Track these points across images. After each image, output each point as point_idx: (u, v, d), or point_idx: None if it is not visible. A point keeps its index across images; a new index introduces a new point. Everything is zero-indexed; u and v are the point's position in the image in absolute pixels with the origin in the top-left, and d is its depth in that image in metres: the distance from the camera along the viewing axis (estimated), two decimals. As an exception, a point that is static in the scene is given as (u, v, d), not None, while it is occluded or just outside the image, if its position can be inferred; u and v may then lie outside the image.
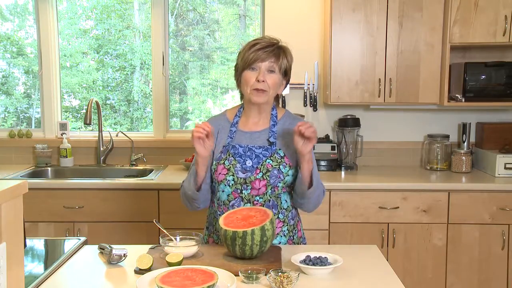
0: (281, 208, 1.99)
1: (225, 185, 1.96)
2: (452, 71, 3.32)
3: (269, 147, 1.97)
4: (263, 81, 1.91)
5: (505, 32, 3.17)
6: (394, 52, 3.25)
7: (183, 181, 2.08)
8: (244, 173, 1.94)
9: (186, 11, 4.05)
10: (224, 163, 1.96)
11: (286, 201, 2.01)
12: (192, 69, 4.03)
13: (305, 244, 2.12)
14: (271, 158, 1.95)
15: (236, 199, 1.96)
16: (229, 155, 1.97)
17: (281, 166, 1.94)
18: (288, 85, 3.48)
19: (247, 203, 1.94)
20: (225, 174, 1.95)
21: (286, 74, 1.99)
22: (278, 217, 1.98)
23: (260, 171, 1.93)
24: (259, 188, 1.93)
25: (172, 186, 3.08)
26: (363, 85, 3.28)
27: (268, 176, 1.93)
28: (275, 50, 1.93)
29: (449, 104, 3.29)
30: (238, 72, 1.98)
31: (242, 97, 2.05)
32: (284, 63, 1.95)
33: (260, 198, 1.95)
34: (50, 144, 3.67)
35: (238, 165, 1.94)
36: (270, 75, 1.93)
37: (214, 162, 1.99)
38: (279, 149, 1.97)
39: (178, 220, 3.00)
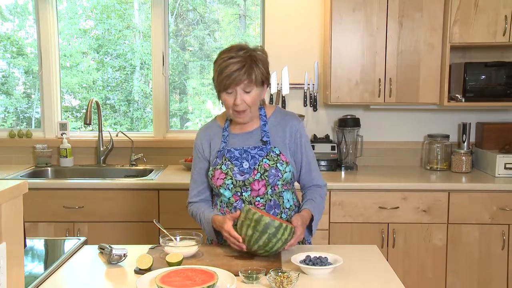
0: (284, 208, 1.99)
1: (225, 189, 1.96)
2: (452, 71, 3.32)
3: (263, 146, 1.97)
4: (241, 103, 1.89)
5: (505, 32, 3.17)
6: (394, 52, 3.25)
7: (189, 205, 2.10)
8: (242, 175, 1.94)
9: (186, 11, 4.05)
10: (221, 167, 1.96)
11: (288, 200, 2.01)
12: (192, 69, 4.03)
13: (310, 243, 2.12)
14: (267, 157, 1.95)
15: (237, 202, 1.96)
16: (225, 160, 1.97)
17: (278, 164, 1.95)
18: (288, 85, 3.52)
19: (248, 204, 1.94)
20: (223, 179, 1.95)
21: (263, 82, 1.94)
22: (281, 217, 1.98)
23: (257, 172, 1.93)
24: (259, 189, 1.94)
25: (172, 186, 3.08)
26: (363, 85, 3.28)
27: (266, 176, 1.93)
28: (247, 69, 1.85)
29: (449, 104, 3.29)
30: (216, 90, 1.95)
31: None
32: (258, 76, 1.89)
33: (261, 198, 1.95)
34: (50, 144, 3.67)
35: (235, 168, 1.94)
36: (247, 94, 1.89)
37: (211, 168, 1.99)
38: (274, 147, 1.97)
39: (178, 220, 3.00)
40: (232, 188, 1.95)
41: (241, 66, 1.85)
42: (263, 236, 1.73)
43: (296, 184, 2.13)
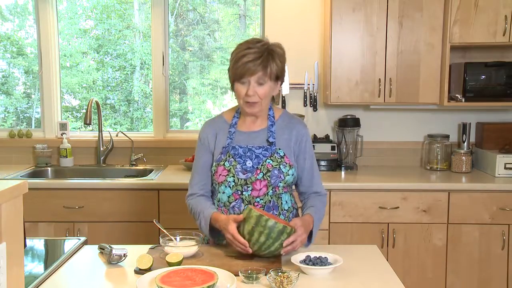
0: (282, 209, 1.99)
1: (226, 186, 1.96)
2: (452, 71, 3.32)
3: (268, 147, 1.97)
4: (253, 95, 1.90)
5: (505, 32, 3.17)
6: (394, 52, 3.25)
7: (189, 197, 2.07)
8: (244, 174, 1.93)
9: (186, 11, 4.05)
10: (224, 164, 1.96)
11: (286, 202, 2.01)
12: (192, 69, 4.03)
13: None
14: (271, 158, 1.95)
15: (236, 201, 1.95)
16: (229, 156, 1.96)
17: (281, 166, 1.94)
18: (288, 85, 3.52)
19: (247, 204, 1.94)
20: (225, 176, 1.95)
21: (278, 78, 1.95)
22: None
23: (260, 171, 1.93)
24: (260, 189, 1.93)
25: (172, 186, 3.08)
26: (363, 85, 3.28)
27: (268, 176, 1.93)
28: (263, 61, 1.87)
29: (449, 104, 3.29)
30: (230, 80, 1.97)
31: None
32: (274, 70, 1.90)
33: (260, 199, 1.95)
34: (50, 144, 3.67)
35: (238, 166, 1.94)
36: (260, 87, 1.90)
37: (214, 164, 1.99)
38: (279, 149, 1.98)
39: (178, 220, 3.00)
40: (233, 186, 1.95)
41: (258, 57, 1.87)
42: (276, 243, 1.74)
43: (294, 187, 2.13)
